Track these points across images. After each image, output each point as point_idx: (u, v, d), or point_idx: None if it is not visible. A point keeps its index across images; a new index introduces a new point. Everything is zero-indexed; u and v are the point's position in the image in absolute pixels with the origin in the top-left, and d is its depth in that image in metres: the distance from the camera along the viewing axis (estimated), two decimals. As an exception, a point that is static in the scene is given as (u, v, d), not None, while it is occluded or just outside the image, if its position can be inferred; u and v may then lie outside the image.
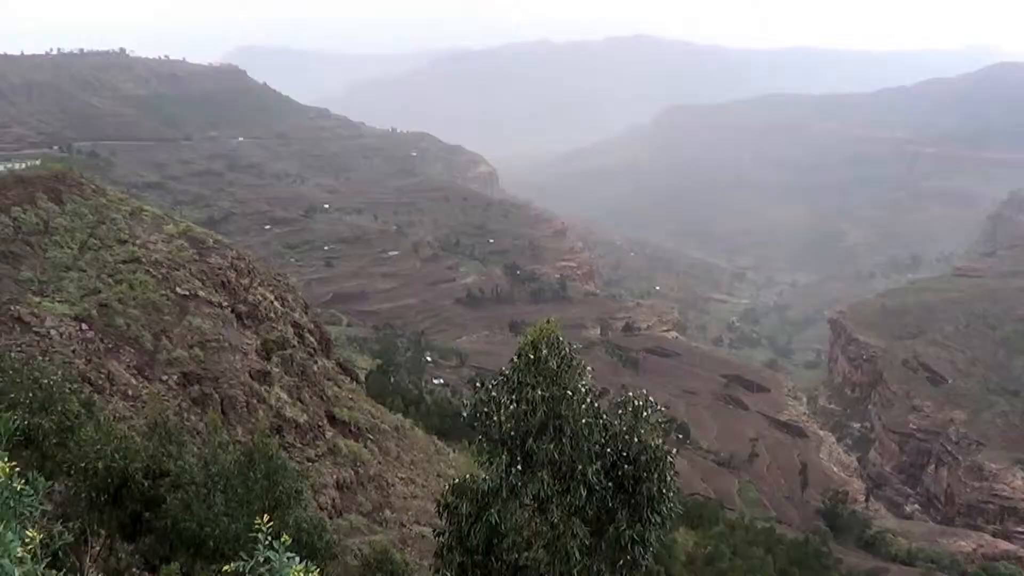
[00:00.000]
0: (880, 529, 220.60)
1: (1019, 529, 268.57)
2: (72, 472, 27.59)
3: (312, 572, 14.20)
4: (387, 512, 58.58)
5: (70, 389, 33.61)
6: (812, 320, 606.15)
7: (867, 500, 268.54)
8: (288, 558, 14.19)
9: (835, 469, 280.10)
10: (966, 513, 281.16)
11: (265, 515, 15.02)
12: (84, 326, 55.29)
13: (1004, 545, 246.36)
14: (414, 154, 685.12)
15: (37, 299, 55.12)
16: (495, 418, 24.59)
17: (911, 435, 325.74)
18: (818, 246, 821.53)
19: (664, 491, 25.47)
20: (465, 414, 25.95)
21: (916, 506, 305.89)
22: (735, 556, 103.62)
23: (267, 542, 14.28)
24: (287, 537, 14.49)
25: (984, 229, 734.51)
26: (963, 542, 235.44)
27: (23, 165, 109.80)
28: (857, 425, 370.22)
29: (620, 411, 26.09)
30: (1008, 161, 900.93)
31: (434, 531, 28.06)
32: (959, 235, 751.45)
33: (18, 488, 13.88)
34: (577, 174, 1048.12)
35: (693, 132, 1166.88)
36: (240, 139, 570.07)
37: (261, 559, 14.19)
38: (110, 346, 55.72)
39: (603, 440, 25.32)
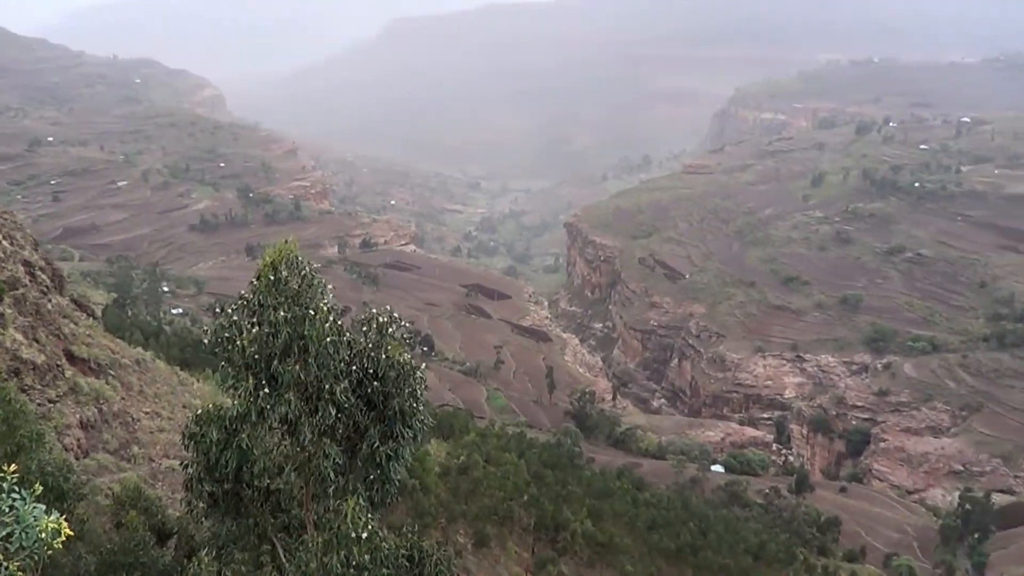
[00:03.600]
0: (629, 426, 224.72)
1: (764, 415, 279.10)
2: None
3: (59, 523, 13.68)
4: (135, 448, 57.03)
5: None
6: (548, 225, 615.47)
7: (614, 398, 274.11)
8: (33, 507, 13.62)
9: (581, 370, 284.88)
10: (712, 404, 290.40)
11: (8, 463, 14.36)
12: None
13: (751, 432, 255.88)
14: (138, 81, 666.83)
15: None
16: (238, 343, 23.91)
17: (653, 332, 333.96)
18: (550, 152, 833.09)
19: (414, 405, 25.43)
20: (206, 341, 25.41)
21: (663, 400, 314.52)
22: (488, 464, 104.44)
23: (11, 490, 13.65)
24: (38, 485, 13.90)
25: (711, 126, 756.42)
26: (711, 432, 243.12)
27: None
28: (599, 325, 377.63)
29: (365, 328, 25.83)
30: (732, 58, 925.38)
31: (182, 463, 27.44)
32: (688, 134, 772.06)
33: None
34: (305, 93, 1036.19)
35: (419, 45, 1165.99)
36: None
37: (6, 507, 13.59)
38: None
39: (349, 358, 25.03)
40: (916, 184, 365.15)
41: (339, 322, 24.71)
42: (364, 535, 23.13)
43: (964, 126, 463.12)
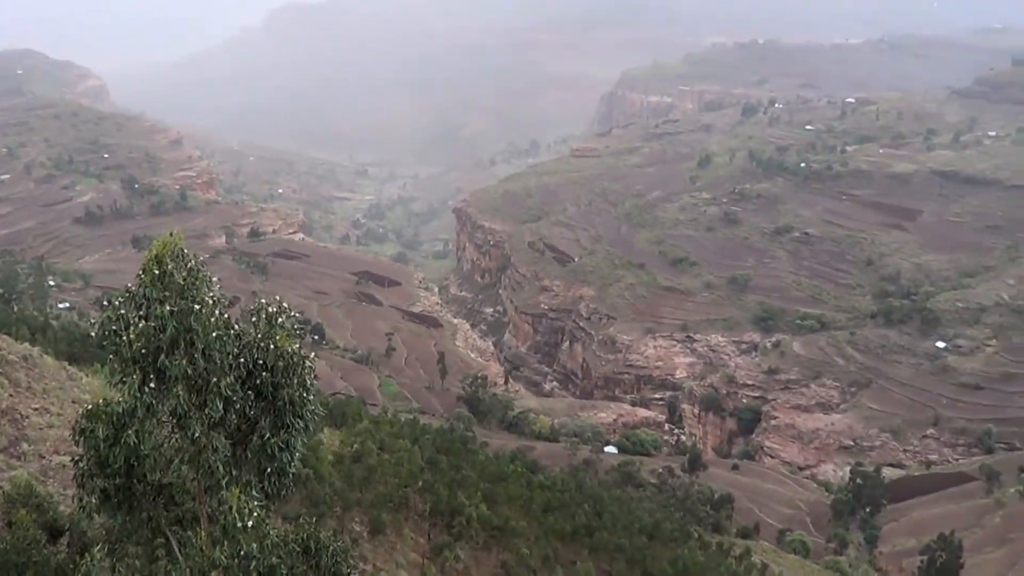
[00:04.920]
0: (522, 409, 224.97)
1: (656, 396, 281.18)
2: None
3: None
4: (24, 445, 55.98)
5: None
6: (437, 211, 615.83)
7: (506, 382, 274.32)
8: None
9: (472, 355, 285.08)
10: (604, 385, 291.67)
11: None
12: None
13: (643, 412, 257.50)
14: (20, 72, 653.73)
15: None
16: (124, 337, 23.68)
17: (543, 315, 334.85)
18: (439, 138, 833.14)
19: (304, 395, 25.56)
20: (94, 335, 25.03)
21: (555, 383, 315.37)
22: (382, 451, 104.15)
23: None
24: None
25: (599, 110, 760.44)
26: (603, 413, 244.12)
27: None
28: (490, 310, 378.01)
29: (254, 319, 25.70)
30: (619, 42, 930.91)
31: (72, 459, 26.88)
32: (576, 118, 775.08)
33: None
34: (191, 83, 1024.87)
35: (307, 32, 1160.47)
36: None
37: None
38: None
39: (237, 350, 24.89)
40: (802, 164, 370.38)
41: (226, 314, 24.64)
42: (251, 524, 23.12)
43: (849, 107, 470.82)
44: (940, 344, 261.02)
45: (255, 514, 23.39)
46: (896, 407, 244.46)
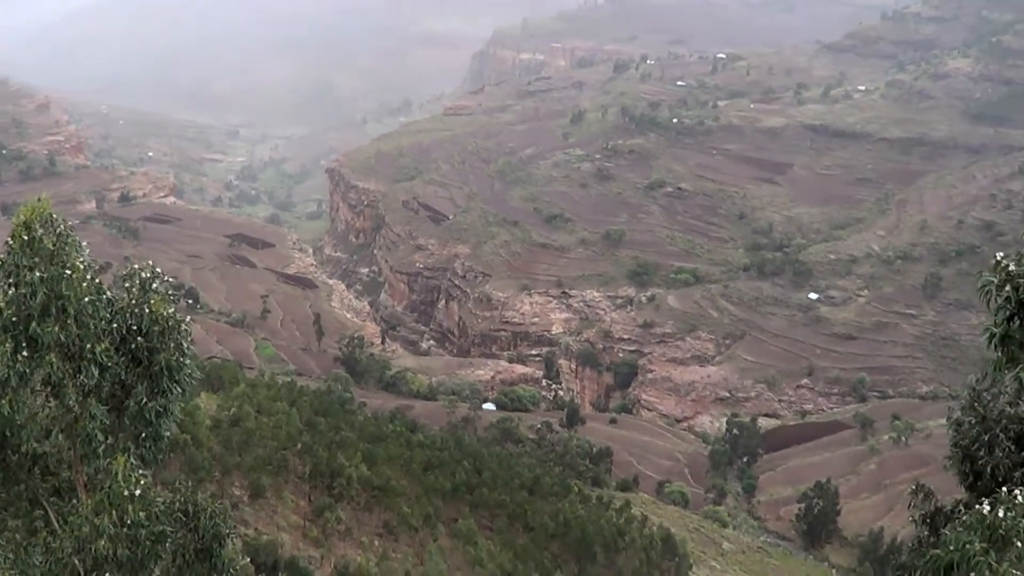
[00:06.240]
0: (400, 369, 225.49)
1: (533, 352, 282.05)
2: None
3: None
4: None
5: None
6: (310, 172, 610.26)
7: (383, 342, 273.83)
8: None
9: (349, 316, 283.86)
10: (480, 343, 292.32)
11: None
12: None
13: (520, 369, 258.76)
14: None
15: None
16: (-7, 305, 23.08)
17: (419, 274, 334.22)
18: (311, 98, 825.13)
19: (180, 359, 25.12)
20: (-38, 305, 24.31)
21: (432, 342, 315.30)
22: (260, 414, 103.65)
23: None
24: None
25: (471, 68, 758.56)
26: (480, 371, 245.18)
27: None
28: (365, 270, 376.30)
29: (127, 284, 25.21)
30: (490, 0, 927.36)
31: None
32: (448, 76, 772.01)
33: None
34: (57, 46, 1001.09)
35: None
36: None
37: None
38: None
39: (111, 315, 24.43)
40: (674, 120, 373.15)
41: (98, 280, 24.15)
42: (137, 492, 22.84)
43: (720, 62, 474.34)
44: (813, 295, 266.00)
45: (142, 482, 23.13)
46: (771, 358, 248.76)
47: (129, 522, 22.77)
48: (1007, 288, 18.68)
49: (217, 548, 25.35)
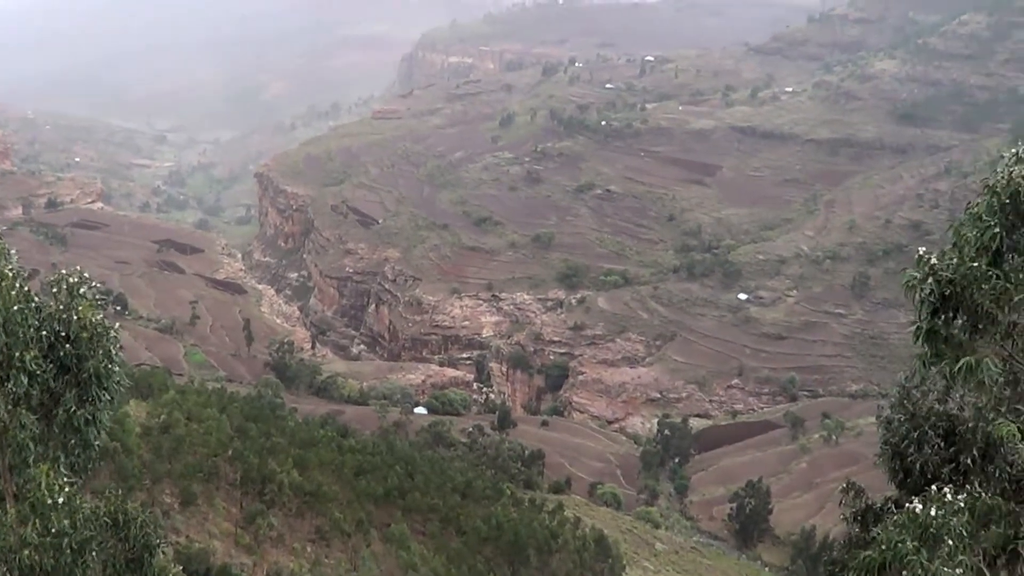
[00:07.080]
0: (330, 373, 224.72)
1: (463, 356, 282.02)
2: None
3: None
4: None
5: None
6: (238, 176, 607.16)
7: (313, 347, 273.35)
8: None
9: (278, 321, 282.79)
10: (411, 347, 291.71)
11: None
12: None
13: (451, 372, 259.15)
14: None
15: None
16: (-81, 315, 22.84)
17: (348, 278, 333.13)
18: (238, 102, 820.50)
19: (109, 366, 24.81)
20: None
21: (362, 346, 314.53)
22: (190, 421, 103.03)
23: None
24: None
25: (399, 71, 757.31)
26: (412, 375, 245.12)
27: None
28: (295, 275, 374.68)
29: (54, 290, 24.94)
30: (417, 1, 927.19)
31: None
32: (376, 79, 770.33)
33: None
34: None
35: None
36: None
37: None
38: None
39: (38, 323, 24.11)
40: (603, 123, 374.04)
41: (26, 287, 23.75)
42: (61, 500, 22.50)
43: (648, 64, 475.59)
44: (742, 296, 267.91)
45: (66, 490, 22.91)
46: (701, 359, 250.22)
47: (53, 531, 22.58)
48: (930, 282, 19.03)
49: (148, 557, 25.14)
